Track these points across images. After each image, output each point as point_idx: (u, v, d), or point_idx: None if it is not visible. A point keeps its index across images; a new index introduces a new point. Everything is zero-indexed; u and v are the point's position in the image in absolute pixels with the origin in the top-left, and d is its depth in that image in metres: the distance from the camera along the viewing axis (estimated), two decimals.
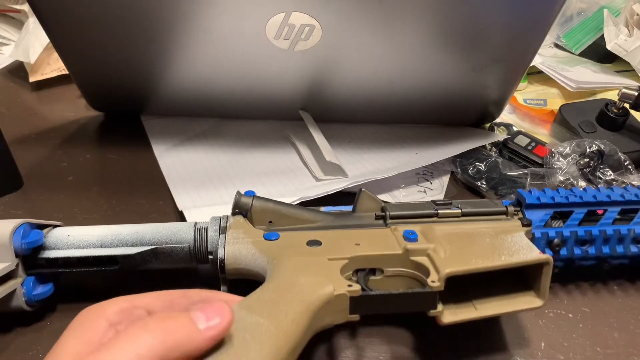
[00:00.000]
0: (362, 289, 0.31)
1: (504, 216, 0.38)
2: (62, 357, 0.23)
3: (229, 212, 0.39)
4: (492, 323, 0.38)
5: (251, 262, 0.34)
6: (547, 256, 0.33)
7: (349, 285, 0.30)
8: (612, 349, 0.37)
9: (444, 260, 0.32)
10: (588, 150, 0.52)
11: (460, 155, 0.53)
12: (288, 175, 0.51)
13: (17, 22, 0.76)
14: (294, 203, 0.44)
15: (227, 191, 0.48)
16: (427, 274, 0.32)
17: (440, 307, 0.31)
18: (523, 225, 0.37)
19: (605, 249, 0.39)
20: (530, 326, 0.38)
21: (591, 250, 0.39)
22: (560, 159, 0.52)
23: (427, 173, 0.54)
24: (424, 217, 0.38)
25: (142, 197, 0.49)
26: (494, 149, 0.56)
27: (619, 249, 0.39)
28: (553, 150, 0.53)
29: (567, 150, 0.53)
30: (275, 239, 0.35)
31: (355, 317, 0.31)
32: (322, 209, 0.40)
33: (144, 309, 0.27)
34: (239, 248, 0.35)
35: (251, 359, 0.24)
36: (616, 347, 0.37)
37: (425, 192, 0.51)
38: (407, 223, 0.37)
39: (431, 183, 0.52)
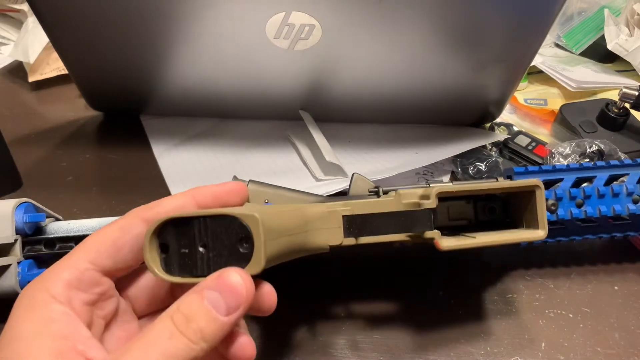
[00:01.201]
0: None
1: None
2: (36, 357, 0.20)
3: None
4: (492, 323, 0.38)
5: None
6: (536, 180, 0.32)
7: (343, 206, 0.30)
8: (612, 349, 0.37)
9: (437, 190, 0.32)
10: (588, 150, 0.52)
11: (461, 155, 0.53)
12: (288, 175, 0.51)
13: (17, 22, 0.76)
14: None
15: None
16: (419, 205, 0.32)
17: (436, 231, 0.31)
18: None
19: (603, 208, 0.39)
20: (531, 326, 0.38)
21: (589, 210, 0.39)
22: (561, 159, 0.52)
23: (427, 173, 0.53)
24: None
25: (141, 197, 0.48)
26: (495, 149, 0.56)
27: (618, 208, 0.39)
28: (553, 150, 0.53)
29: (567, 150, 0.52)
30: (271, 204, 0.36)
31: (351, 240, 0.30)
32: None
33: (91, 267, 0.23)
34: None
35: (239, 208, 0.23)
36: (617, 347, 0.37)
37: None
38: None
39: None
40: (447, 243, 0.31)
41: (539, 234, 0.33)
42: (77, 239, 0.36)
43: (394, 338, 0.37)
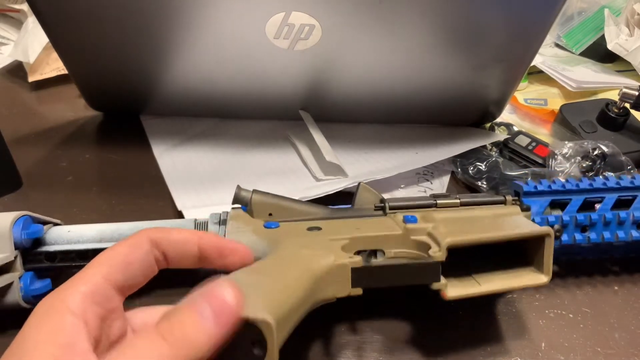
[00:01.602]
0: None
1: (502, 205, 0.38)
2: None
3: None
4: (492, 323, 0.38)
5: (252, 248, 0.34)
6: (547, 228, 0.33)
7: (350, 257, 0.31)
8: (612, 349, 0.37)
9: (445, 234, 0.32)
10: (591, 152, 0.52)
11: (461, 155, 0.53)
12: (288, 175, 0.51)
13: (17, 22, 0.76)
14: None
15: (226, 191, 0.48)
16: (429, 250, 0.32)
17: (443, 280, 0.31)
18: (522, 210, 0.38)
19: (607, 234, 0.39)
20: (531, 326, 0.38)
21: (593, 236, 0.39)
22: (563, 161, 0.52)
23: (427, 173, 0.53)
24: (423, 207, 0.38)
25: (141, 197, 0.49)
26: (495, 149, 0.56)
27: (621, 235, 0.39)
28: (556, 152, 0.52)
29: (570, 152, 0.52)
30: (275, 227, 0.35)
31: (358, 290, 0.31)
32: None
33: (105, 281, 0.24)
34: (239, 237, 0.35)
35: (251, 302, 0.23)
36: (617, 347, 0.37)
37: (425, 192, 0.51)
38: (407, 211, 0.37)
39: (431, 183, 0.52)
40: (452, 293, 0.31)
41: (542, 279, 0.33)
42: (78, 253, 0.36)
43: (394, 339, 0.37)
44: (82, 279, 0.24)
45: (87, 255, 0.35)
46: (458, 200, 0.38)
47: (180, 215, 0.44)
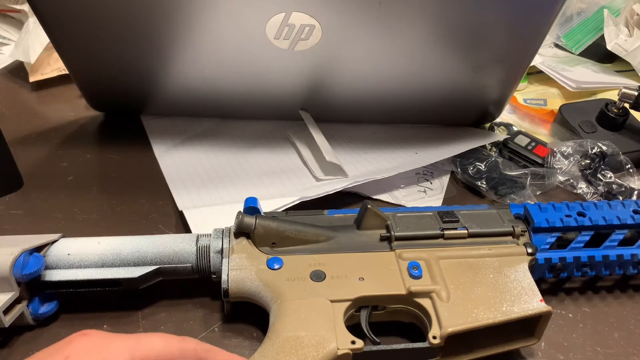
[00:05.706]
0: (365, 342, 0.32)
1: (510, 241, 0.38)
2: None
3: (228, 212, 0.39)
4: None
5: (255, 293, 0.35)
6: (548, 308, 0.33)
7: (352, 342, 0.31)
8: (612, 348, 0.37)
9: (447, 309, 0.33)
10: (590, 151, 0.52)
11: (460, 155, 0.53)
12: (288, 175, 0.51)
13: (17, 22, 0.76)
14: (294, 203, 0.44)
15: (227, 191, 0.48)
16: (429, 318, 0.33)
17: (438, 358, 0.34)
18: (528, 254, 0.37)
19: (605, 272, 0.39)
20: None
21: (591, 272, 0.39)
22: (562, 159, 0.52)
23: (427, 173, 0.54)
24: (429, 238, 0.37)
25: (142, 197, 0.49)
26: (494, 149, 0.56)
27: (618, 271, 0.40)
28: (555, 149, 0.53)
29: (569, 150, 0.53)
30: (278, 268, 0.35)
31: None
32: (326, 212, 0.40)
33: None
34: (242, 277, 0.35)
35: None
36: (616, 347, 0.37)
37: (425, 192, 0.51)
38: (412, 247, 0.37)
39: (431, 183, 0.52)
40: None
41: (533, 341, 0.35)
42: (82, 282, 0.36)
43: (394, 342, 0.37)
44: (128, 347, 0.26)
45: (91, 283, 0.36)
46: (465, 232, 0.38)
47: (181, 215, 0.44)
